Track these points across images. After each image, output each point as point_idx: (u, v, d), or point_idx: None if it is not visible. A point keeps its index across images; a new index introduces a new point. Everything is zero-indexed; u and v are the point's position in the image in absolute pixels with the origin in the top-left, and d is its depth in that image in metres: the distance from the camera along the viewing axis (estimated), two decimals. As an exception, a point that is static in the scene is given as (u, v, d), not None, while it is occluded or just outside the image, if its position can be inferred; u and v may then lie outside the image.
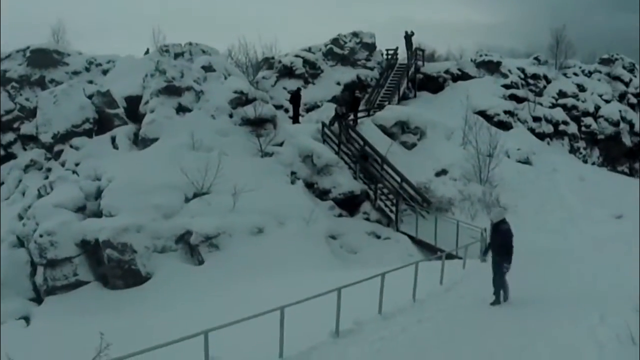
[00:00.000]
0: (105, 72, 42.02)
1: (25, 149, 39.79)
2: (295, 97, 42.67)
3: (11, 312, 27.31)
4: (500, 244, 17.76)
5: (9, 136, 40.42)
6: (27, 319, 27.06)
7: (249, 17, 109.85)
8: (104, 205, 29.38)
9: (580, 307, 15.47)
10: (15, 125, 40.66)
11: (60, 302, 27.10)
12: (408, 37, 52.12)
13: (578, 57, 59.25)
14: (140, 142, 33.68)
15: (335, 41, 52.84)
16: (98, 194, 30.33)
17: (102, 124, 35.29)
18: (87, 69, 42.86)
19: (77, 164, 33.19)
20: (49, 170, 35.22)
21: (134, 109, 35.74)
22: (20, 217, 31.14)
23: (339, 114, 39.21)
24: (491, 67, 53.28)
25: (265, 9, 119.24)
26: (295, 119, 42.12)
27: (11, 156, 39.61)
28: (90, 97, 35.90)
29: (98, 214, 29.44)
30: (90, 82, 39.73)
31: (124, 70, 39.42)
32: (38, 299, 28.30)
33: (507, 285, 17.78)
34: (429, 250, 30.79)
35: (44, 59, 42.45)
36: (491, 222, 18.31)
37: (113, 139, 34.41)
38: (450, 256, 24.25)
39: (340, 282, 15.94)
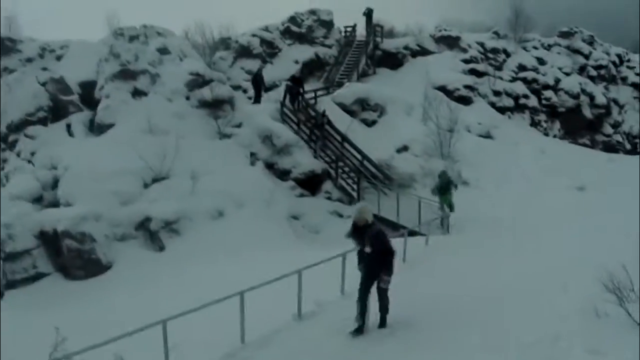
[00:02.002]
0: (59, 58, 41.25)
1: (-21, 140, 39.11)
2: (256, 78, 42.25)
3: (-30, 307, 26.91)
4: (374, 252, 13.40)
5: (-39, 127, 39.67)
6: (-14, 314, 26.62)
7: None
8: (61, 194, 28.91)
9: (543, 281, 15.36)
10: (-33, 116, 39.91)
11: (21, 295, 26.57)
12: (367, 14, 51.83)
13: (537, 31, 59.32)
14: (96, 128, 33.25)
15: (292, 19, 52.44)
16: (55, 184, 29.83)
17: (56, 112, 34.69)
18: (41, 56, 41.98)
19: (32, 154, 32.63)
20: (4, 161, 34.53)
21: (89, 94, 35.23)
22: (-24, 210, 30.58)
23: (290, 92, 39.07)
24: (450, 42, 53.24)
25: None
26: (257, 100, 41.73)
27: (-36, 147, 38.94)
28: (43, 84, 35.28)
29: (56, 204, 28.95)
30: (45, 69, 39.00)
31: (78, 56, 38.76)
32: (-2, 293, 27.85)
33: (387, 303, 13.74)
34: (392, 227, 30.48)
35: (-4, 47, 41.63)
36: (353, 225, 13.77)
37: (68, 127, 33.94)
38: (413, 233, 24.18)
39: (302, 263, 15.76)
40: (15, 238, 27.33)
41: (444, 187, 29.50)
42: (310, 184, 34.15)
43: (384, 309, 13.76)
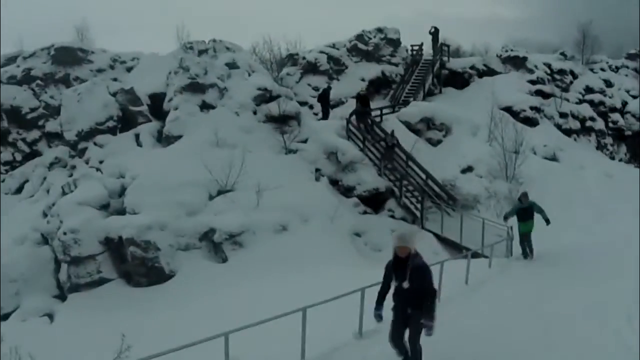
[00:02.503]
0: (129, 70, 42.22)
1: (50, 147, 40.14)
2: (324, 95, 42.50)
3: (35, 309, 27.54)
4: (412, 290, 11.27)
5: (34, 134, 40.75)
6: (50, 316, 27.17)
7: (273, 14, 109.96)
8: (127, 202, 29.39)
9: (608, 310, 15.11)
10: (40, 123, 41.01)
11: (84, 299, 27.11)
12: (433, 33, 51.75)
13: (605, 52, 58.51)
14: (164, 139, 33.74)
15: (359, 37, 52.50)
16: (122, 192, 30.36)
17: (126, 122, 35.43)
18: (112, 67, 43.06)
19: (101, 162, 33.33)
20: (73, 167, 35.31)
21: (157, 106, 35.85)
22: (45, 215, 31.31)
23: (356, 109, 39.14)
24: (517, 62, 52.72)
25: (290, 6, 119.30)
26: (324, 116, 41.99)
27: (36, 154, 39.95)
28: (114, 94, 36.04)
29: (122, 212, 29.43)
30: (115, 79, 39.90)
31: (148, 68, 39.56)
32: (62, 296, 28.42)
33: (419, 351, 11.61)
34: (455, 248, 30.45)
35: (68, 57, 42.72)
36: (394, 255, 11.52)
37: (137, 137, 34.53)
38: (476, 255, 23.95)
39: (364, 281, 15.68)
40: (80, 243, 27.97)
41: (525, 214, 25.00)
42: (373, 201, 34.13)
43: (415, 355, 11.58)
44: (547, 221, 24.66)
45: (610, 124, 51.87)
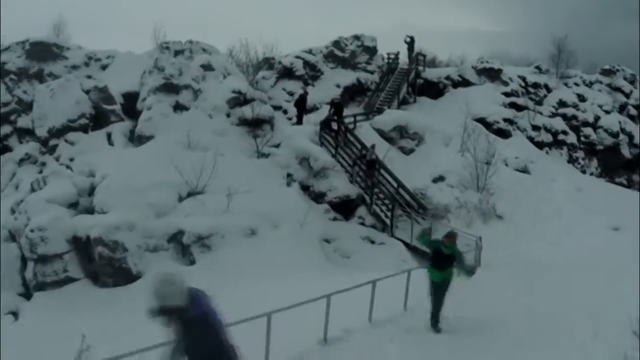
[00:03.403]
0: (104, 68, 41.84)
1: (21, 142, 39.62)
2: (300, 100, 42.54)
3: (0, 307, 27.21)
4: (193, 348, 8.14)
5: (6, 129, 40.25)
6: (15, 314, 26.88)
7: (251, 17, 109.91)
8: (96, 201, 29.18)
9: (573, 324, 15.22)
10: (12, 118, 40.51)
11: (50, 298, 26.87)
12: (409, 42, 51.93)
13: (579, 67, 58.92)
14: (136, 139, 33.59)
15: (336, 43, 52.59)
16: (91, 191, 30.15)
17: (98, 120, 35.23)
18: (86, 64, 42.60)
19: (71, 159, 33.09)
20: (43, 164, 35.01)
21: (131, 105, 35.71)
22: (13, 211, 30.91)
23: (329, 118, 39.17)
24: (492, 74, 52.97)
25: (268, 10, 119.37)
26: (299, 121, 42.04)
27: (6, 149, 39.43)
28: (87, 92, 35.81)
29: (90, 211, 29.22)
30: (89, 77, 39.59)
31: (123, 66, 39.35)
32: (27, 294, 28.04)
33: None
34: (423, 257, 30.43)
35: (43, 52, 42.22)
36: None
37: (109, 135, 34.38)
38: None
39: (332, 288, 15.73)
40: (48, 241, 27.73)
41: (443, 260, 16.98)
42: (344, 208, 34.18)
43: None
44: (469, 272, 19.46)
45: (582, 138, 52.21)
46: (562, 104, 53.11)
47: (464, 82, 52.52)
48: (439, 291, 17.07)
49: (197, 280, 24.87)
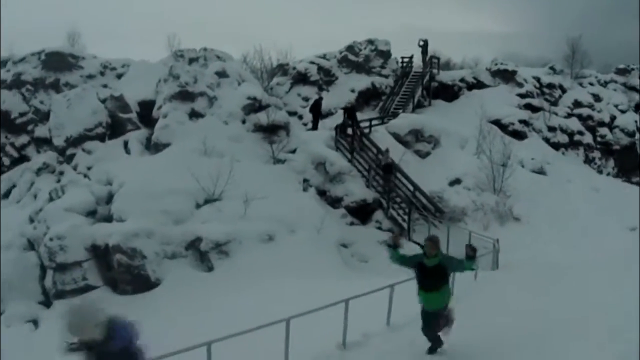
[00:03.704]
0: (119, 77, 42.13)
1: (38, 152, 39.97)
2: (315, 106, 42.65)
3: (20, 315, 27.44)
4: None
5: (23, 138, 40.61)
6: (35, 323, 27.10)
7: (264, 24, 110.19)
8: (114, 209, 29.36)
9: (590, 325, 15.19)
10: (29, 128, 40.87)
11: (69, 306, 26.97)
12: (423, 46, 51.94)
13: (594, 67, 58.87)
14: (152, 147, 33.72)
15: (350, 48, 52.63)
16: (109, 199, 30.33)
17: (114, 129, 35.49)
18: (102, 73, 42.89)
19: (89, 168, 33.34)
20: (61, 173, 35.27)
21: (147, 113, 35.86)
22: (31, 220, 31.16)
23: (344, 123, 39.16)
24: (506, 76, 52.91)
25: (281, 16, 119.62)
26: (314, 127, 42.16)
27: (24, 158, 39.79)
28: (103, 101, 36.11)
29: (108, 219, 29.41)
30: (105, 86, 39.93)
31: (138, 75, 39.59)
32: (47, 303, 28.30)
33: None
34: (442, 259, 30.51)
35: (58, 62, 42.54)
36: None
37: (125, 144, 34.59)
38: (462, 267, 24.00)
39: (349, 292, 15.75)
40: (66, 249, 27.99)
41: (429, 277, 13.34)
42: (361, 212, 34.18)
43: None
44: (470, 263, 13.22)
45: (599, 138, 52.12)
46: (577, 104, 53.00)
47: (479, 84, 52.52)
48: (433, 321, 13.56)
49: (216, 286, 25.01)
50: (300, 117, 46.23)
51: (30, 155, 39.96)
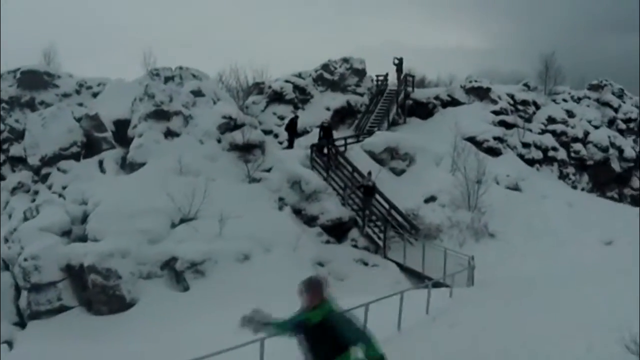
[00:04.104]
0: (95, 95, 41.99)
1: (13, 171, 39.64)
2: (291, 124, 42.84)
3: (-6, 336, 27.26)
4: None
5: (-2, 157, 40.35)
6: (10, 344, 26.86)
7: (240, 42, 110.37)
8: (89, 229, 29.32)
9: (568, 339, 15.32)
10: (4, 147, 40.53)
11: (44, 326, 26.89)
12: (398, 64, 52.28)
13: (567, 83, 59.25)
14: (127, 166, 33.71)
15: (325, 67, 52.84)
16: (84, 218, 30.31)
17: (90, 148, 35.42)
18: (78, 92, 42.75)
19: (64, 187, 33.23)
20: (36, 193, 35.10)
21: (122, 132, 35.82)
22: (6, 240, 30.97)
23: (320, 142, 39.31)
24: (481, 93, 53.18)
25: (257, 34, 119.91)
26: (290, 145, 42.30)
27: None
28: (79, 120, 36.10)
29: (84, 239, 29.36)
30: (80, 104, 39.79)
31: (114, 94, 39.45)
32: (22, 324, 28.09)
33: None
34: (417, 277, 30.68)
35: (34, 81, 42.35)
36: None
37: (101, 163, 34.53)
38: (437, 284, 24.20)
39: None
40: (41, 270, 27.86)
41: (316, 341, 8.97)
42: (337, 231, 34.23)
43: None
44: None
45: (573, 154, 52.42)
46: (551, 120, 53.32)
47: (453, 102, 52.74)
48: None
49: (192, 306, 24.97)
50: (276, 136, 46.33)
51: (5, 175, 39.68)
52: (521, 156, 49.35)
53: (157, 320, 24.87)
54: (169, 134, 34.50)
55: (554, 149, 51.48)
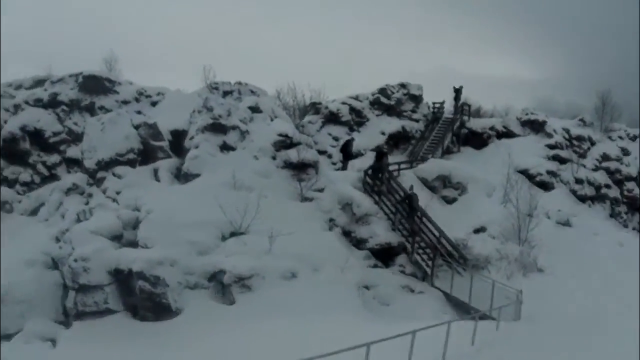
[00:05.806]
0: (154, 104, 42.65)
1: (69, 172, 40.43)
2: (346, 146, 43.12)
3: (38, 333, 27.75)
4: None
5: (55, 157, 41.08)
6: (53, 342, 27.25)
7: (299, 63, 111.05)
8: (140, 236, 29.59)
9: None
10: (61, 148, 41.35)
11: (88, 328, 27.16)
12: (457, 90, 52.28)
13: (623, 120, 58.78)
14: (182, 176, 34.00)
15: (382, 91, 53.06)
16: (135, 224, 30.57)
17: (146, 155, 35.88)
18: (137, 100, 43.48)
19: (118, 193, 33.74)
20: (90, 195, 35.67)
21: (178, 143, 36.19)
22: (57, 240, 31.52)
23: (374, 167, 39.24)
24: (536, 126, 52.95)
25: (316, 56, 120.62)
26: (344, 167, 42.60)
27: (54, 177, 40.22)
28: (136, 127, 36.51)
29: (134, 244, 29.62)
30: (139, 112, 40.32)
31: (172, 104, 40.00)
32: (66, 323, 28.55)
33: None
34: (463, 308, 30.42)
35: (95, 86, 43.19)
36: None
37: (155, 171, 34.88)
38: (484, 316, 23.99)
39: (370, 335, 15.76)
40: (90, 271, 28.16)
41: None
42: (385, 255, 34.10)
43: None
44: None
45: (625, 192, 51.83)
46: (605, 157, 52.84)
47: (508, 133, 52.55)
48: None
49: (236, 320, 25.19)
50: (330, 157, 46.45)
51: (60, 175, 40.37)
52: (573, 192, 48.95)
53: (202, 331, 24.93)
54: (225, 147, 34.72)
55: (607, 186, 50.94)
